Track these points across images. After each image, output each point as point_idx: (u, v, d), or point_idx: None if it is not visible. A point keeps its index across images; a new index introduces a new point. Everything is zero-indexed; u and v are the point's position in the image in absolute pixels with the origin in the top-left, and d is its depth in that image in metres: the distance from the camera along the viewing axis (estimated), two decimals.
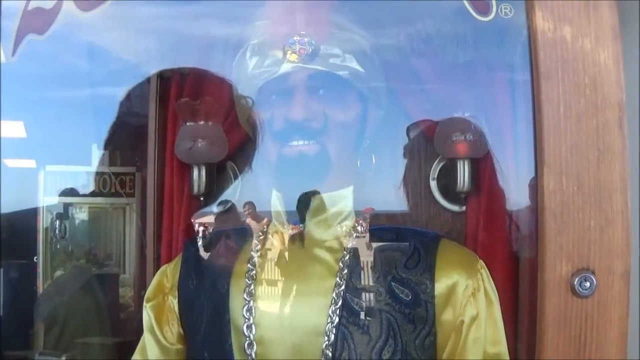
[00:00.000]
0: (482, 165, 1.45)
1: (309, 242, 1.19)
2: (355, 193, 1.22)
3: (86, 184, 2.06)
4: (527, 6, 1.08)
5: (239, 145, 1.58)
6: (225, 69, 1.32)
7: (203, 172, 1.58)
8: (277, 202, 1.22)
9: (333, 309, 1.12)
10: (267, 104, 1.18)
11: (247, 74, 1.20)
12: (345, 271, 1.15)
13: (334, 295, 1.13)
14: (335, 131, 1.16)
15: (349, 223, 1.21)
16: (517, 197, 1.40)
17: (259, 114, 1.19)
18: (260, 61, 1.18)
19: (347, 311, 1.12)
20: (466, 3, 1.14)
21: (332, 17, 1.18)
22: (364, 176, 1.25)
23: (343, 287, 1.14)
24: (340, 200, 1.21)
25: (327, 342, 1.11)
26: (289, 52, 1.14)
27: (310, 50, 1.14)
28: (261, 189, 1.28)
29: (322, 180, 1.18)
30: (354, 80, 1.18)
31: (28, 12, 1.30)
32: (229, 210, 1.50)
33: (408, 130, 1.52)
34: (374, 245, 1.20)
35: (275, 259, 1.21)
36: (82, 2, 1.26)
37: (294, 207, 1.20)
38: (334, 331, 1.11)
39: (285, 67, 1.15)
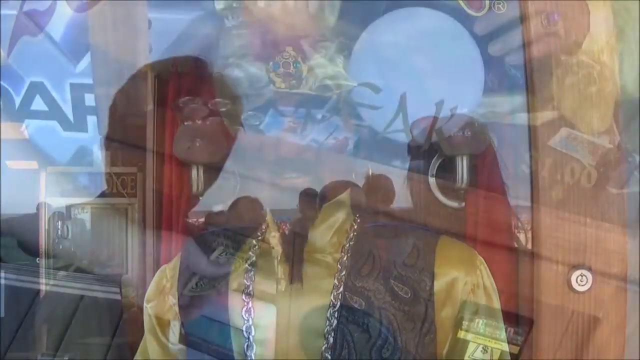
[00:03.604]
0: (481, 161, 1.44)
1: (307, 244, 1.19)
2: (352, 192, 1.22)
3: (87, 185, 2.06)
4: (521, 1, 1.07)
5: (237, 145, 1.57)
6: None
7: (202, 172, 1.57)
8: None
9: (331, 311, 1.13)
10: (256, 132, 1.16)
11: (231, 92, 1.17)
12: (344, 272, 1.15)
13: (332, 297, 1.13)
14: (328, 155, 1.16)
15: (348, 223, 1.21)
16: (516, 192, 1.39)
17: (248, 141, 1.17)
18: (244, 82, 1.15)
19: (346, 311, 1.12)
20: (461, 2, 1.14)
21: (319, 20, 1.15)
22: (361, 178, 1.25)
23: (341, 288, 1.14)
24: (340, 207, 1.20)
25: (326, 345, 1.11)
26: (274, 77, 1.11)
27: (296, 73, 1.11)
28: (260, 188, 1.27)
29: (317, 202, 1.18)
30: (345, 97, 1.16)
31: (23, 13, 1.30)
32: (228, 210, 1.49)
33: (410, 127, 1.51)
34: (373, 243, 1.19)
35: (274, 260, 1.20)
36: (76, 2, 1.27)
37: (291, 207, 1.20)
38: (332, 334, 1.11)
39: (271, 93, 1.13)
